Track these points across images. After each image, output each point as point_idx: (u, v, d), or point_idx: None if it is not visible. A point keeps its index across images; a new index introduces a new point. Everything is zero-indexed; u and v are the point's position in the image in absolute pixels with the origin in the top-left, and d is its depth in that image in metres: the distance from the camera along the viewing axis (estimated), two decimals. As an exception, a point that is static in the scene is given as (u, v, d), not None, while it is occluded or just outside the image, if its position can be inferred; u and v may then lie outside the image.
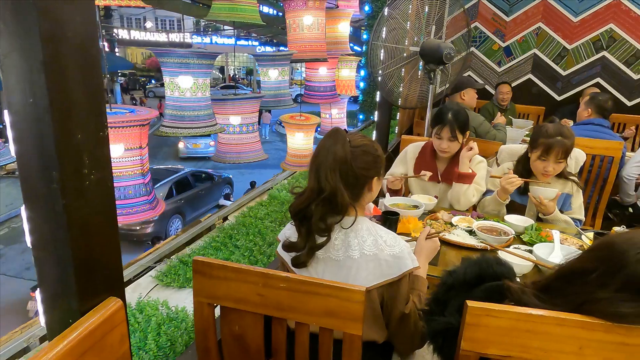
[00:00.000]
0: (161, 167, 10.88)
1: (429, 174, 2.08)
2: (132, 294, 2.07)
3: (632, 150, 3.71)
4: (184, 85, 1.55)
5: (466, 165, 2.03)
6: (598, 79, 4.35)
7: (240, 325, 1.09)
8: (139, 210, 1.40)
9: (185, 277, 2.17)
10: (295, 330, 1.05)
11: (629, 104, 4.29)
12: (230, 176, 10.91)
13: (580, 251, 0.96)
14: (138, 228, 7.90)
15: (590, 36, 4.28)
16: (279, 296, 1.02)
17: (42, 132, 0.76)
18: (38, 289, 0.90)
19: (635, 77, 4.22)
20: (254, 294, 1.03)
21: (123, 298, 0.94)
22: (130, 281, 2.16)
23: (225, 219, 2.97)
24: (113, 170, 1.43)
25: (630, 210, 2.93)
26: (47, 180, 0.78)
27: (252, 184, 10.16)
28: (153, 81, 25.63)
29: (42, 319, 0.93)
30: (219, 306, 1.09)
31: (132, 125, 1.21)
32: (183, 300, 1.99)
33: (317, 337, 1.04)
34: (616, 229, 1.66)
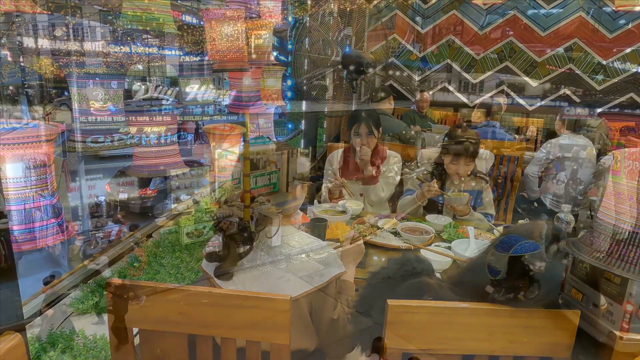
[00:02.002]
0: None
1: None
2: (44, 326, 1.87)
3: (535, 150, 4.10)
4: (92, 97, 1.45)
5: (369, 171, 2.31)
6: (504, 87, 4.77)
7: (162, 347, 1.02)
8: (47, 234, 1.28)
9: (105, 302, 2.01)
10: (221, 346, 1.01)
11: (530, 108, 4.75)
12: (214, 165, 11.72)
13: (489, 243, 1.04)
14: (140, 202, 9.07)
15: (494, 47, 4.69)
16: (203, 312, 0.98)
17: None
18: None
19: (534, 84, 4.69)
20: (176, 312, 0.98)
21: (23, 331, 0.85)
22: (40, 312, 1.95)
23: (149, 236, 2.80)
24: (12, 192, 1.30)
25: (536, 204, 3.25)
26: None
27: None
28: (66, 93, 23.73)
29: None
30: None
31: (31, 141, 1.10)
32: (103, 327, 1.84)
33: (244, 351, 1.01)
34: (520, 222, 1.82)
